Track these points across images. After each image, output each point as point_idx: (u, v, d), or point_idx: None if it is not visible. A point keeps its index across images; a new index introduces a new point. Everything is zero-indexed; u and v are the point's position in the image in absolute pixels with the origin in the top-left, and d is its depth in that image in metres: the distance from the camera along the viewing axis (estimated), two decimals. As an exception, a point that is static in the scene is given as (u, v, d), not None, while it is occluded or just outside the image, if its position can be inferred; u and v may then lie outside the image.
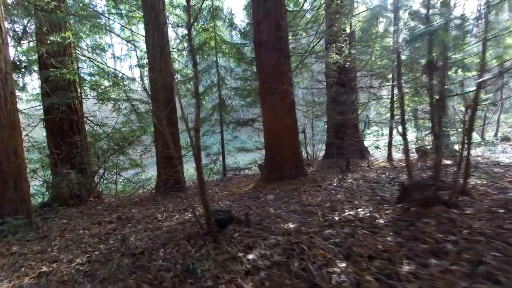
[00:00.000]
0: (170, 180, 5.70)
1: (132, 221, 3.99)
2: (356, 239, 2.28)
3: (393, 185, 4.32)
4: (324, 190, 4.38)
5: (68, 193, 5.79)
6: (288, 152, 5.56)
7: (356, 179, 4.94)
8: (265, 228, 2.69)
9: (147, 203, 5.25)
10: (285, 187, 4.94)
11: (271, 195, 4.44)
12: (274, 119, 5.52)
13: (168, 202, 5.10)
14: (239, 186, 6.07)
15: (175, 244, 2.62)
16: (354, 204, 3.36)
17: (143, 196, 6.20)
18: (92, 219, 4.40)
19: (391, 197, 3.46)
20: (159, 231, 3.25)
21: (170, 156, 5.82)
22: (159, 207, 4.79)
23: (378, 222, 2.60)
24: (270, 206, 3.77)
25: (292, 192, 4.49)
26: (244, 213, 2.86)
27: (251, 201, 4.26)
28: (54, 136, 6.32)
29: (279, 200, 4.10)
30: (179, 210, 4.39)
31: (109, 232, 3.53)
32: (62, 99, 6.12)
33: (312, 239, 2.36)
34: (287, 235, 2.45)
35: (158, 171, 5.97)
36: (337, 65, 6.10)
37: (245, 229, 2.61)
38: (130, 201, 5.68)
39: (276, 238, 2.41)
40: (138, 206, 5.09)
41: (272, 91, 5.39)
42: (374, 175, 5.33)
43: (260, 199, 4.34)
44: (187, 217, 3.88)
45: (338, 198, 3.76)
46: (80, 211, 5.16)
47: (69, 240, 3.35)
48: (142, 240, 3.04)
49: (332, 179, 5.23)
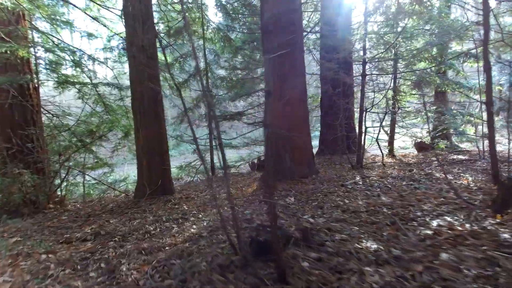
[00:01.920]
0: (158, 181, 4.67)
1: (115, 238, 2.96)
2: (503, 268, 1.52)
3: (437, 183, 3.67)
4: (355, 190, 3.66)
5: (20, 199, 4.53)
6: (299, 147, 4.78)
7: (382, 177, 4.28)
8: (340, 251, 1.85)
9: (127, 211, 4.19)
10: (300, 188, 4.15)
11: (290, 198, 3.62)
12: (281, 108, 4.70)
13: (156, 209, 4.09)
14: (237, 186, 5.18)
15: (205, 280, 1.70)
16: (422, 209, 2.64)
17: (119, 201, 5.08)
18: (57, 235, 3.29)
19: (484, 202, 2.68)
20: (163, 255, 2.31)
21: (160, 151, 4.81)
22: (146, 215, 3.77)
23: (505, 238, 1.86)
24: (301, 213, 2.95)
25: (314, 193, 3.71)
26: (299, 228, 1.98)
27: (269, 206, 3.41)
28: (3, 127, 4.99)
29: (305, 204, 3.30)
30: (175, 220, 3.42)
31: (85, 257, 2.50)
32: (12, 79, 4.81)
33: (432, 271, 1.56)
34: (386, 264, 1.65)
35: (139, 170, 4.89)
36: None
37: (312, 254, 1.76)
38: (104, 208, 4.56)
39: (378, 271, 1.59)
40: (116, 215, 4.02)
41: (282, 76, 4.57)
42: (395, 171, 4.73)
43: (278, 202, 3.52)
44: (193, 229, 2.94)
45: (384, 201, 3.05)
46: (38, 222, 3.98)
47: (26, 273, 2.28)
48: (141, 271, 2.08)
49: (350, 177, 4.53)
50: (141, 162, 4.83)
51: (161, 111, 4.93)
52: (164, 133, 4.99)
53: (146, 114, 4.72)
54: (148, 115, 4.72)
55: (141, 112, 4.72)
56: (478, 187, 3.28)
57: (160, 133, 4.85)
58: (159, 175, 4.81)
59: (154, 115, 4.76)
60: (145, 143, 4.74)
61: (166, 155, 4.98)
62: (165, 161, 4.92)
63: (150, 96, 4.71)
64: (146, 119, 4.72)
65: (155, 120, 4.77)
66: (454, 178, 3.89)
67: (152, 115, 4.74)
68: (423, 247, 1.80)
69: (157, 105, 4.84)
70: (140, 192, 4.81)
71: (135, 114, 4.81)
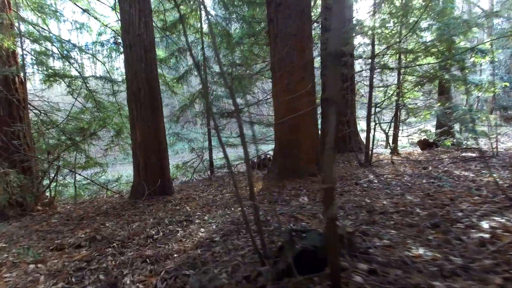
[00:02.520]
0: (156, 180, 4.35)
1: (113, 243, 2.64)
2: None
3: (460, 181, 3.44)
4: (372, 189, 3.42)
5: (6, 201, 4.15)
6: (307, 143, 4.52)
7: (396, 175, 4.06)
8: (391, 261, 1.53)
9: (124, 213, 3.86)
10: (311, 186, 3.89)
11: (304, 198, 3.36)
12: (289, 101, 4.43)
13: (156, 210, 3.77)
14: (240, 186, 4.88)
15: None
16: (461, 209, 2.38)
17: (114, 202, 4.73)
18: (46, 241, 2.95)
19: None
20: (171, 263, 2.01)
21: (158, 148, 4.49)
22: (145, 218, 3.45)
23: None
24: (320, 214, 2.69)
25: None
26: (344, 233, 1.67)
27: (284, 207, 3.14)
28: (-15, 122, 4.60)
29: (321, 204, 3.03)
30: (179, 222, 3.12)
31: (80, 267, 2.18)
32: (-4, 70, 4.43)
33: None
34: (454, 276, 1.33)
35: (135, 168, 4.55)
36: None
37: (362, 265, 1.46)
38: (98, 210, 4.21)
39: (451, 287, 1.28)
40: (112, 218, 3.69)
41: (289, 64, 4.31)
42: (407, 169, 4.52)
43: (291, 202, 3.25)
44: (202, 232, 2.65)
45: (412, 200, 2.81)
46: (25, 226, 3.62)
47: (11, 287, 1.95)
48: (148, 284, 1.78)
49: (362, 175, 4.30)
50: (138, 160, 4.50)
51: (159, 104, 4.60)
52: (163, 128, 4.67)
53: (143, 108, 4.39)
54: (145, 109, 4.39)
55: (137, 106, 4.39)
56: (509, 184, 3.07)
57: (158, 128, 4.53)
58: (157, 174, 4.48)
59: (152, 109, 4.44)
60: (142, 140, 4.41)
61: (164, 152, 4.66)
62: (163, 159, 4.60)
63: (147, 89, 4.38)
64: (143, 114, 4.39)
65: (152, 114, 4.45)
66: (475, 175, 3.68)
67: (150, 109, 4.42)
68: (488, 253, 1.55)
69: (155, 98, 4.52)
70: (137, 193, 4.48)
71: (131, 108, 4.47)
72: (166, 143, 4.73)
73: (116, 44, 7.70)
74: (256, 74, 8.02)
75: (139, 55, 4.35)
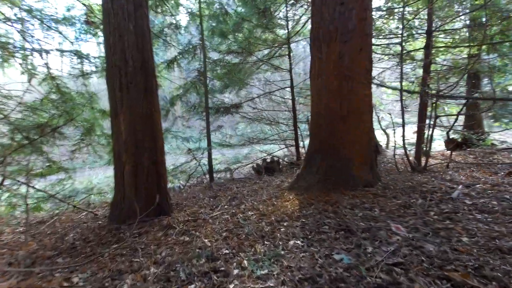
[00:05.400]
0: (149, 194, 2.96)
1: None
2: None
3: None
4: (489, 210, 2.24)
5: None
6: (362, 140, 3.30)
7: (485, 183, 2.94)
8: None
9: (102, 251, 2.43)
10: (380, 202, 2.67)
11: (398, 226, 2.12)
12: (340, 81, 3.19)
13: (153, 245, 2.38)
14: (255, 199, 3.55)
15: None
16: None
17: (86, 227, 3.25)
18: None
19: None
20: None
21: (153, 146, 3.11)
22: (140, 263, 2.06)
23: None
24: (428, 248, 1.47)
25: (405, 212, 2.24)
26: None
27: (369, 241, 1.88)
28: None
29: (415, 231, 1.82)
30: (205, 275, 1.77)
31: None
32: None
33: None
34: None
35: (118, 176, 3.11)
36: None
37: None
38: (61, 243, 2.75)
39: None
40: (83, 260, 2.26)
41: (342, 29, 3.09)
42: (478, 174, 3.44)
43: (377, 234, 2.00)
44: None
45: None
46: None
47: None
48: None
49: (437, 185, 3.14)
50: (122, 164, 3.06)
51: (154, 85, 3.21)
52: (158, 117, 3.26)
53: (131, 89, 2.98)
54: (134, 90, 2.99)
55: (122, 85, 2.97)
56: None
57: (152, 119, 3.13)
58: (150, 185, 3.08)
59: (144, 90, 3.04)
60: (129, 134, 3.00)
61: (161, 153, 3.25)
62: (159, 163, 3.19)
63: (138, 60, 2.99)
64: (131, 97, 2.98)
65: (145, 98, 3.05)
66: None
67: (141, 90, 3.02)
68: None
69: (149, 74, 3.12)
70: (120, 213, 3.04)
71: (112, 89, 3.04)
72: (163, 140, 3.32)
73: (88, 24, 6.18)
74: (263, 62, 6.72)
75: (125, 10, 2.95)
